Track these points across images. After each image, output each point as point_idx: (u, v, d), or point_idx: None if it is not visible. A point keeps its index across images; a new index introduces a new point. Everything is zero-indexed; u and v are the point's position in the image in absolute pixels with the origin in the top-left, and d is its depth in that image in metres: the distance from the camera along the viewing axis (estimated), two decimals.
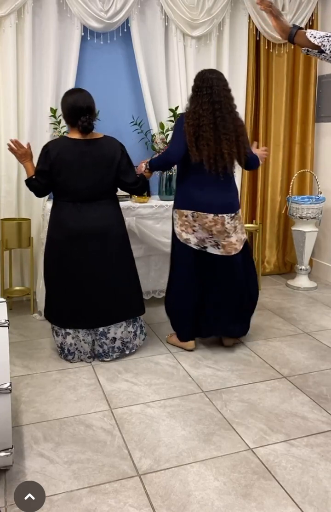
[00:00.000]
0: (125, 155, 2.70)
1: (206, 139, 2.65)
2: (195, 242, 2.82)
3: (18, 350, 3.00)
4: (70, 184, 2.63)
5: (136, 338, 2.93)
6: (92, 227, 2.66)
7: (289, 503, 1.80)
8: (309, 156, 4.34)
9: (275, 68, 4.15)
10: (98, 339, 2.82)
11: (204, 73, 2.74)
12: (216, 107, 2.66)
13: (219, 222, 2.75)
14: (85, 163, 2.61)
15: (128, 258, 2.84)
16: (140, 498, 1.83)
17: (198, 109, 2.67)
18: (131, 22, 3.65)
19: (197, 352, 2.99)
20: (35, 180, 2.67)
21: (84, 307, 2.73)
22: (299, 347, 3.08)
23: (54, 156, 2.60)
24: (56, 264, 2.73)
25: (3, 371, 1.84)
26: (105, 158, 2.64)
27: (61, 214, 2.69)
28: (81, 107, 2.58)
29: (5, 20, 3.35)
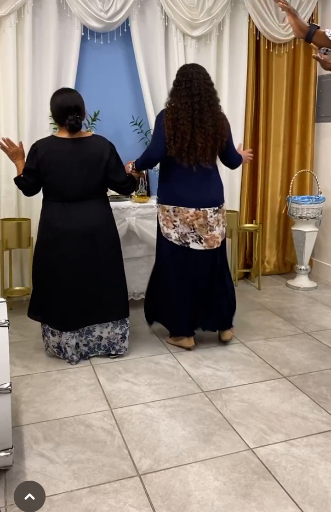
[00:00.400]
0: (114, 154, 2.68)
1: (182, 132, 2.65)
2: (176, 237, 2.82)
3: (18, 350, 3.00)
4: (58, 183, 2.63)
5: (125, 340, 2.90)
6: (80, 227, 2.65)
7: (289, 503, 1.80)
8: (309, 156, 4.34)
9: (275, 68, 4.15)
10: (83, 338, 2.82)
11: (184, 67, 2.75)
12: (195, 100, 2.65)
13: (201, 216, 2.77)
14: (72, 162, 2.61)
15: (116, 259, 2.81)
16: (140, 498, 1.83)
17: (176, 103, 2.68)
18: (131, 22, 3.65)
19: (197, 352, 2.99)
20: (23, 179, 2.68)
21: (68, 308, 2.71)
22: (299, 347, 3.08)
23: (41, 155, 2.60)
24: (43, 264, 2.73)
25: (3, 371, 1.84)
26: (93, 157, 2.63)
27: (49, 213, 2.69)
28: (69, 106, 2.57)
29: (5, 20, 3.36)
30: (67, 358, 2.84)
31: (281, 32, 4.01)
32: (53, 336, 2.83)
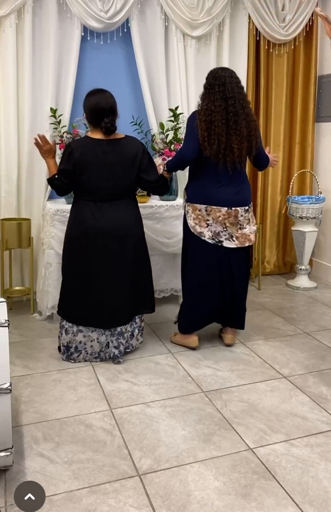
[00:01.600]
0: (146, 154, 2.74)
1: (217, 134, 2.68)
2: (210, 236, 2.85)
3: (18, 350, 3.00)
4: (92, 183, 2.65)
5: (133, 338, 2.93)
6: (111, 227, 2.69)
7: (289, 503, 1.80)
8: (309, 156, 4.34)
9: (275, 68, 4.15)
10: (115, 339, 2.82)
11: (216, 71, 2.78)
12: (230, 103, 2.69)
13: (232, 215, 2.81)
14: (108, 163, 2.64)
15: (145, 257, 2.88)
16: (140, 498, 1.83)
17: (210, 106, 2.71)
18: (131, 22, 3.65)
19: (197, 352, 2.99)
20: (58, 179, 2.69)
21: (102, 306, 2.75)
22: (299, 347, 3.08)
23: (77, 156, 2.62)
24: (74, 262, 2.75)
25: (3, 371, 1.84)
26: (127, 158, 2.67)
27: (81, 212, 2.72)
28: (104, 108, 2.60)
29: (5, 20, 3.35)
30: (72, 359, 2.84)
31: (281, 32, 4.01)
32: (66, 335, 2.83)
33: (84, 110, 2.70)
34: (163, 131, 3.70)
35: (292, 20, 4.03)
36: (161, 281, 3.60)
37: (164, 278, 3.61)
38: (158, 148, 3.64)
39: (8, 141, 3.50)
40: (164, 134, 3.69)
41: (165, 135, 3.69)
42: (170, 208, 3.50)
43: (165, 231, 3.49)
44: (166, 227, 3.50)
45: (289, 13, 4.01)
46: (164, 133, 3.70)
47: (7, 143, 3.50)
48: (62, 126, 3.54)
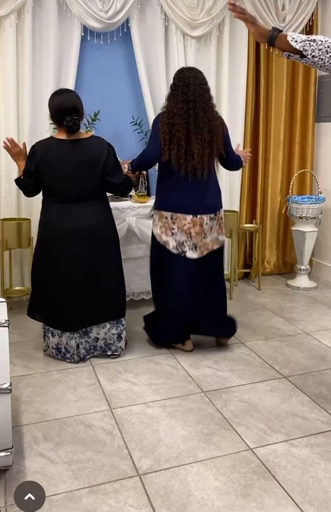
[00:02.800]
0: (111, 155, 2.67)
1: (177, 138, 2.64)
2: (174, 245, 2.80)
3: (18, 350, 3.00)
4: (56, 184, 2.63)
5: (121, 341, 2.91)
6: (79, 228, 2.65)
7: (289, 503, 1.80)
8: (309, 156, 4.34)
9: (275, 68, 4.15)
10: (83, 340, 2.83)
11: (181, 71, 2.73)
12: (191, 106, 2.64)
13: (197, 223, 2.75)
14: (71, 163, 2.61)
15: (115, 260, 2.81)
16: (140, 498, 1.83)
17: (172, 108, 2.67)
18: (131, 22, 3.65)
19: (197, 352, 2.99)
20: (23, 180, 2.69)
21: (67, 308, 2.72)
22: (299, 347, 3.08)
23: (39, 156, 2.61)
24: (42, 264, 2.74)
25: (3, 371, 1.84)
26: (91, 158, 2.63)
27: (48, 214, 2.70)
28: (66, 107, 2.57)
29: (5, 20, 3.35)
30: (67, 358, 2.84)
31: None
32: (53, 337, 2.83)
33: (48, 110, 2.67)
34: None
35: (292, 20, 4.03)
36: None
37: None
38: None
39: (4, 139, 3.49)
40: None
41: None
42: None
43: None
44: None
45: (289, 13, 4.01)
46: None
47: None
48: None
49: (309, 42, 1.98)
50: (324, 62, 2.00)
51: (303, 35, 2.04)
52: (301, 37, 2.00)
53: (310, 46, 1.98)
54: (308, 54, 1.99)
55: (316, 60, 2.00)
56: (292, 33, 2.03)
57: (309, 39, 1.99)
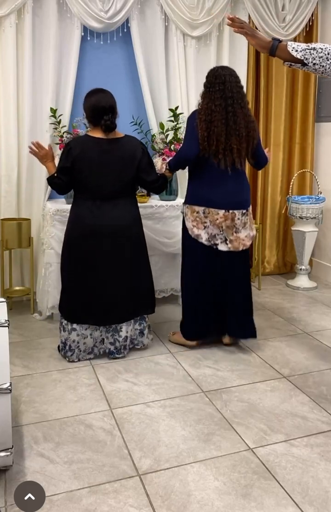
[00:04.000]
0: (146, 153, 2.74)
1: (217, 134, 2.68)
2: (206, 238, 2.84)
3: (18, 350, 3.00)
4: (91, 181, 2.66)
5: (143, 336, 2.96)
6: (109, 225, 2.69)
7: (289, 503, 1.80)
8: (309, 156, 4.34)
9: (275, 68, 4.15)
10: (110, 336, 2.84)
11: (216, 70, 2.77)
12: (229, 103, 2.69)
13: (229, 218, 2.80)
14: (106, 161, 2.65)
15: (143, 257, 2.88)
16: (140, 498, 1.83)
17: (210, 105, 2.70)
18: (131, 22, 3.65)
19: (197, 352, 2.99)
20: (57, 178, 2.70)
21: (98, 304, 2.75)
22: (299, 347, 3.08)
23: (76, 154, 2.63)
24: (72, 260, 2.76)
25: (3, 371, 1.84)
26: (126, 157, 2.68)
27: (79, 211, 2.72)
28: (104, 106, 2.61)
29: (5, 20, 3.35)
30: (67, 357, 2.85)
31: (281, 32, 4.01)
32: (63, 332, 2.85)
33: (84, 109, 2.71)
34: (163, 131, 3.70)
35: (292, 20, 4.03)
36: (161, 281, 3.60)
37: (164, 278, 3.61)
38: (158, 148, 3.64)
39: (8, 141, 3.50)
40: (164, 134, 3.69)
41: (165, 135, 3.69)
42: (170, 208, 3.50)
43: (165, 231, 3.49)
44: (166, 227, 3.50)
45: (289, 13, 4.01)
46: (164, 133, 3.69)
47: (7, 143, 3.50)
48: (62, 126, 3.54)
49: (309, 51, 2.01)
50: (325, 69, 2.04)
51: (303, 43, 2.06)
52: (301, 46, 2.03)
53: (310, 55, 2.02)
54: (309, 62, 2.02)
55: (317, 67, 2.04)
56: (292, 43, 2.06)
57: (309, 47, 2.02)
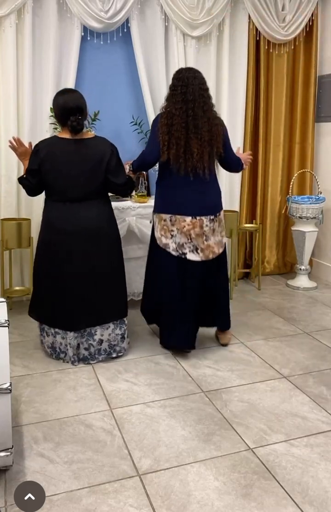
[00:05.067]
0: (114, 155, 2.68)
1: (176, 138, 2.64)
2: (174, 247, 2.78)
3: (18, 350, 3.00)
4: (59, 183, 2.63)
5: (124, 341, 2.91)
6: (80, 227, 2.65)
7: (289, 503, 1.80)
8: (309, 156, 4.34)
9: (275, 68, 4.15)
10: (84, 341, 2.81)
11: (180, 72, 2.74)
12: (190, 106, 2.64)
13: (197, 225, 2.74)
14: (73, 162, 2.61)
15: (117, 259, 2.82)
16: (140, 498, 1.83)
17: (171, 109, 2.67)
18: (131, 22, 3.65)
19: (197, 352, 2.99)
20: (26, 179, 2.69)
21: (70, 308, 2.72)
22: (299, 347, 3.08)
23: (43, 155, 2.61)
24: (45, 263, 2.74)
25: (3, 371, 1.84)
26: (94, 158, 2.63)
27: (50, 213, 2.70)
28: (71, 107, 2.58)
29: (5, 20, 3.35)
30: (61, 358, 2.85)
31: (281, 32, 4.01)
32: (47, 336, 2.84)
33: (53, 110, 2.69)
34: None
35: (292, 20, 4.03)
36: None
37: None
38: None
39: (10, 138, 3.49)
40: None
41: None
42: None
43: None
44: None
45: (289, 13, 4.01)
46: None
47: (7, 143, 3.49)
48: None
49: None
50: None
51: None
52: None
53: None
54: None
55: None
56: None
57: None
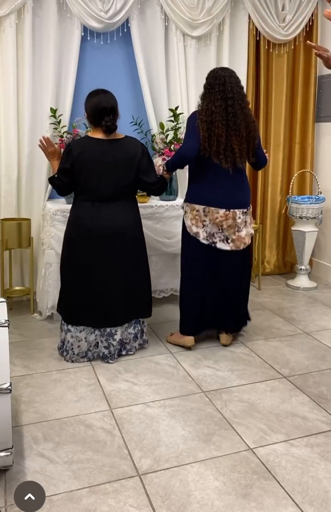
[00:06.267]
0: (145, 155, 2.74)
1: (217, 135, 2.69)
2: (204, 236, 2.86)
3: (18, 350, 3.00)
4: (90, 183, 2.65)
5: (137, 340, 2.94)
6: (109, 227, 2.68)
7: (289, 503, 1.80)
8: (309, 156, 4.34)
9: (275, 68, 4.15)
10: (104, 340, 2.82)
11: (216, 71, 2.79)
12: (229, 103, 2.70)
13: (230, 217, 2.81)
14: (106, 162, 2.64)
15: (142, 259, 2.86)
16: (140, 498, 1.83)
17: (211, 106, 2.71)
18: (131, 22, 3.65)
19: (197, 352, 2.99)
20: (58, 179, 2.70)
21: (96, 306, 2.75)
22: (299, 347, 3.08)
23: (76, 155, 2.63)
24: (71, 262, 2.76)
25: (3, 371, 1.84)
26: (126, 158, 2.67)
27: (79, 212, 2.72)
28: (105, 107, 2.61)
29: (5, 20, 3.35)
30: (63, 356, 2.85)
31: (281, 32, 4.01)
32: (61, 332, 2.86)
33: (85, 110, 2.72)
34: (163, 131, 3.70)
35: (292, 20, 4.03)
36: (161, 281, 3.60)
37: (164, 278, 3.61)
38: (158, 148, 3.64)
39: (8, 141, 3.50)
40: (164, 134, 3.69)
41: (165, 135, 3.68)
42: (170, 208, 3.50)
43: (165, 231, 3.49)
44: (166, 227, 3.50)
45: (289, 13, 4.01)
46: (164, 133, 3.69)
47: (7, 143, 3.50)
48: (62, 126, 3.54)
49: None
50: None
51: None
52: None
53: None
54: None
55: None
56: None
57: None
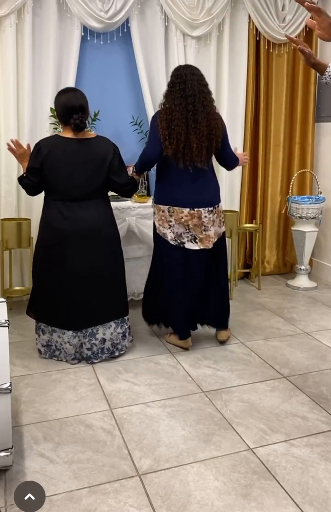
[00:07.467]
0: (117, 155, 2.70)
1: (176, 133, 2.68)
2: (172, 237, 2.85)
3: (18, 350, 3.00)
4: (60, 182, 2.63)
5: (125, 339, 2.92)
6: (81, 227, 2.65)
7: (289, 503, 1.80)
8: (309, 156, 4.34)
9: (275, 68, 4.15)
10: (87, 341, 2.80)
11: (178, 69, 2.79)
12: (190, 101, 2.69)
13: (195, 216, 2.80)
14: (76, 162, 2.61)
15: (117, 259, 2.83)
16: (140, 498, 1.83)
17: (171, 105, 2.71)
18: (131, 22, 3.65)
19: (197, 352, 2.99)
20: (27, 178, 2.68)
21: (71, 307, 2.72)
22: (299, 347, 3.08)
23: (45, 154, 2.61)
24: (44, 263, 2.73)
25: (3, 371, 1.84)
26: (96, 158, 2.64)
27: (50, 213, 2.69)
28: (74, 105, 2.59)
29: (5, 20, 3.35)
30: (55, 356, 2.85)
31: (281, 32, 4.01)
32: (43, 334, 2.84)
33: (55, 108, 2.69)
34: None
35: (292, 20, 4.03)
36: None
37: None
38: None
39: (8, 141, 3.49)
40: None
41: None
42: None
43: None
44: None
45: (289, 13, 4.01)
46: None
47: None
48: None
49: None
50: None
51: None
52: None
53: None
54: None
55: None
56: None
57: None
